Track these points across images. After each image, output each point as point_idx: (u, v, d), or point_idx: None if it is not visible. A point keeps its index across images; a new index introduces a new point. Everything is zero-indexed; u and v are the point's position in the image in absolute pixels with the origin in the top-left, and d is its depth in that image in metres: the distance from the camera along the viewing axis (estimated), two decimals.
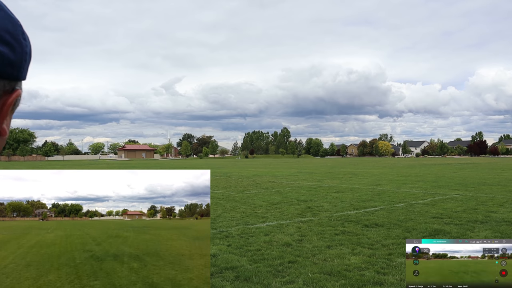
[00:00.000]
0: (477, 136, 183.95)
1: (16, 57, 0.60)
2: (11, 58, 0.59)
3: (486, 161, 69.87)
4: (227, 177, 26.68)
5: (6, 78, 0.59)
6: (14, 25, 0.60)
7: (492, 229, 8.63)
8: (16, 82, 0.62)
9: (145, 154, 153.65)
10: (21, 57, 0.61)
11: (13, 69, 0.60)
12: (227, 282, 5.46)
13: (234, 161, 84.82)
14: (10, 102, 0.61)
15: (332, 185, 19.94)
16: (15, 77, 0.61)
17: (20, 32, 0.61)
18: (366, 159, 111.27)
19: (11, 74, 0.60)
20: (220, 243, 7.50)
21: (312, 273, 5.77)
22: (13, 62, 0.59)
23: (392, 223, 9.40)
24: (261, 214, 10.88)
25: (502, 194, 15.09)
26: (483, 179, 23.45)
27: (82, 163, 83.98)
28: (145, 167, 54.71)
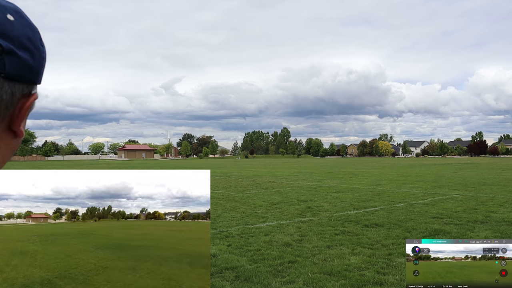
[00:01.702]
0: (477, 136, 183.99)
1: (35, 62, 0.63)
2: (30, 63, 0.62)
3: (486, 161, 69.86)
4: (227, 177, 26.68)
5: (26, 82, 0.63)
6: (34, 32, 0.64)
7: (492, 229, 8.63)
8: (33, 86, 0.65)
9: (145, 154, 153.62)
10: (39, 62, 0.64)
11: (32, 74, 0.63)
12: (227, 282, 5.46)
13: (234, 161, 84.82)
14: (28, 105, 0.64)
15: (332, 185, 19.94)
16: (33, 81, 0.64)
17: (38, 39, 0.64)
18: (366, 159, 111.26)
19: (30, 79, 0.63)
20: (220, 243, 7.50)
21: (312, 273, 5.77)
22: (32, 67, 0.62)
23: (392, 223, 9.40)
24: (261, 214, 10.88)
25: (502, 194, 15.09)
26: (483, 179, 23.44)
27: (82, 163, 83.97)
28: (145, 167, 54.68)
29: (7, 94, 0.60)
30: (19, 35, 0.60)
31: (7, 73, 0.59)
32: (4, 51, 0.58)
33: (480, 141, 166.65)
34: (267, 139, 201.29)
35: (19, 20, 0.61)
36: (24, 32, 0.61)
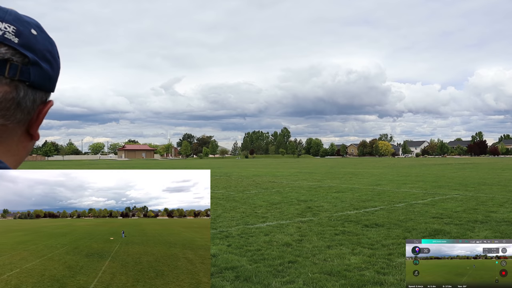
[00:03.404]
0: (477, 136, 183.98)
1: (54, 72, 0.71)
2: (50, 73, 0.70)
3: (486, 161, 69.86)
4: (227, 177, 26.68)
5: (45, 90, 0.71)
6: (52, 45, 0.72)
7: (492, 229, 8.63)
8: (49, 94, 0.73)
9: (145, 154, 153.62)
10: (57, 72, 0.73)
11: (50, 83, 0.71)
12: (227, 282, 5.46)
13: (234, 161, 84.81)
14: (45, 111, 0.72)
15: (332, 185, 19.94)
16: (51, 89, 0.72)
17: (56, 51, 0.73)
18: (366, 159, 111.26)
19: (49, 88, 0.71)
20: (220, 243, 7.50)
21: (312, 273, 5.77)
22: (51, 77, 0.71)
23: (392, 223, 9.40)
24: (261, 214, 10.88)
25: (502, 194, 15.09)
26: (483, 179, 23.44)
27: (82, 163, 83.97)
28: (144, 167, 54.68)
29: (30, 101, 0.68)
30: (42, 48, 0.68)
31: (31, 82, 0.67)
32: (30, 62, 0.66)
33: (480, 141, 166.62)
34: (267, 139, 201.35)
35: (41, 34, 0.69)
36: (45, 45, 0.69)
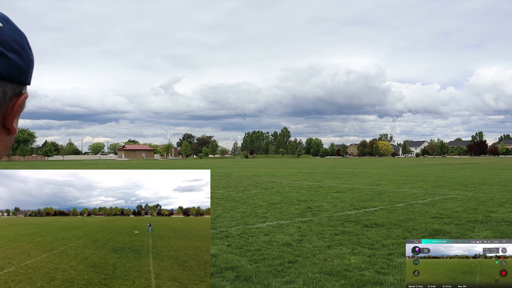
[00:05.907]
0: (477, 136, 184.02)
1: (24, 63, 0.70)
2: (20, 64, 0.69)
3: (486, 161, 69.85)
4: (227, 177, 26.67)
5: (16, 82, 0.69)
6: (21, 36, 0.71)
7: (492, 229, 8.63)
8: (23, 86, 0.72)
9: (145, 154, 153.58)
10: (28, 64, 0.71)
11: (21, 74, 0.70)
12: (227, 282, 5.46)
13: (234, 161, 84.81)
14: (19, 103, 0.71)
15: (332, 185, 19.94)
16: (23, 81, 0.71)
17: (26, 43, 0.71)
18: (366, 159, 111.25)
19: (20, 79, 0.70)
20: (220, 243, 7.50)
21: (312, 273, 5.77)
22: (21, 68, 0.69)
23: (392, 223, 9.40)
24: (261, 214, 10.88)
25: (502, 194, 15.09)
26: (483, 179, 23.44)
27: (82, 163, 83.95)
28: (145, 167, 54.68)
29: (0, 93, 0.67)
30: (8, 39, 0.67)
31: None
32: None
33: (480, 141, 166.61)
34: (267, 139, 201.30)
35: (8, 26, 0.68)
36: (12, 36, 0.68)
